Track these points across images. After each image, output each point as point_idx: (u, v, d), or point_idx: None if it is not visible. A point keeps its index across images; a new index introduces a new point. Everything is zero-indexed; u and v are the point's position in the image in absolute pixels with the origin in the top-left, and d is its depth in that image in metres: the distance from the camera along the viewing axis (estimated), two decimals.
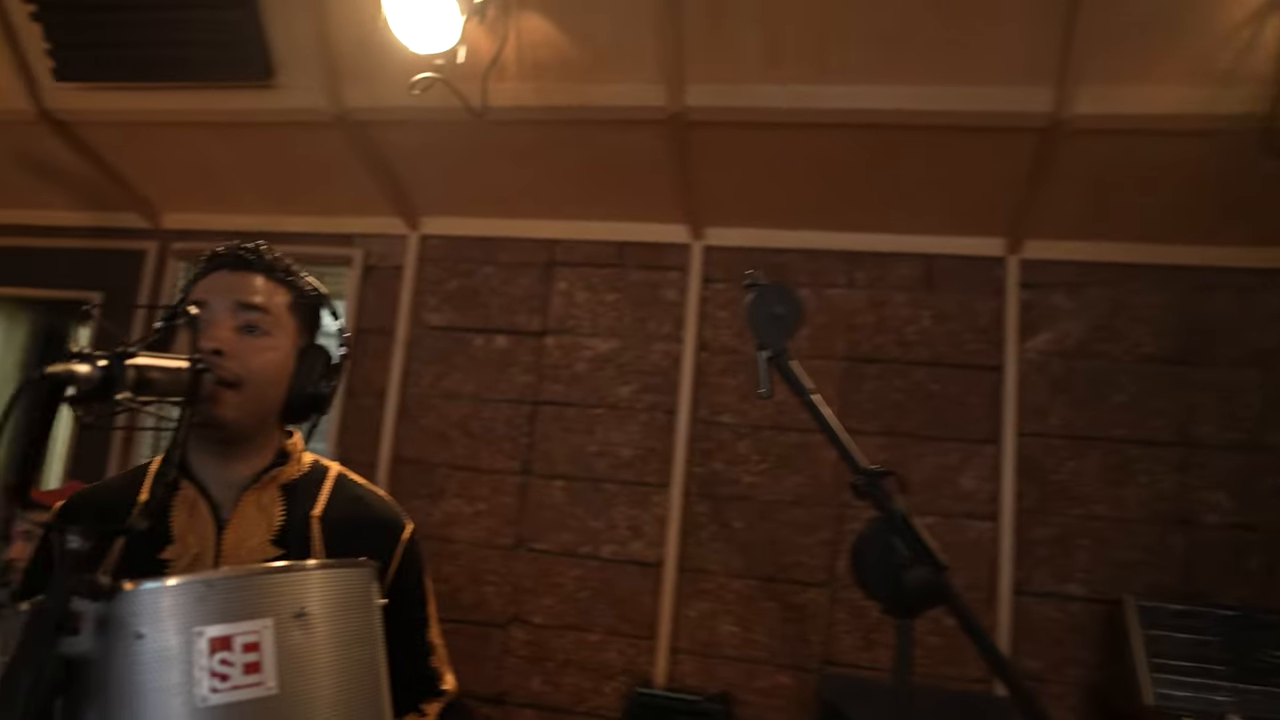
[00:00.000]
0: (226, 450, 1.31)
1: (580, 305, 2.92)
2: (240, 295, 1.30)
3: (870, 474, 1.13)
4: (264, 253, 1.35)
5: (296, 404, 1.34)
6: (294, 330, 1.35)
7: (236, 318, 1.29)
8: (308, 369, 1.35)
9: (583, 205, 2.87)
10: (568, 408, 2.87)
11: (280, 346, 1.32)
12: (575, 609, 2.75)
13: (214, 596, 0.98)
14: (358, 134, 2.63)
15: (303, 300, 1.38)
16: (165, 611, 0.96)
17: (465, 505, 2.88)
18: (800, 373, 1.30)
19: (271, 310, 1.31)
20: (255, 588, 1.00)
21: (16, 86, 2.73)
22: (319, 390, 1.35)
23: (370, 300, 3.08)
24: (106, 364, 0.98)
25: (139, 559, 1.27)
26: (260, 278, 1.33)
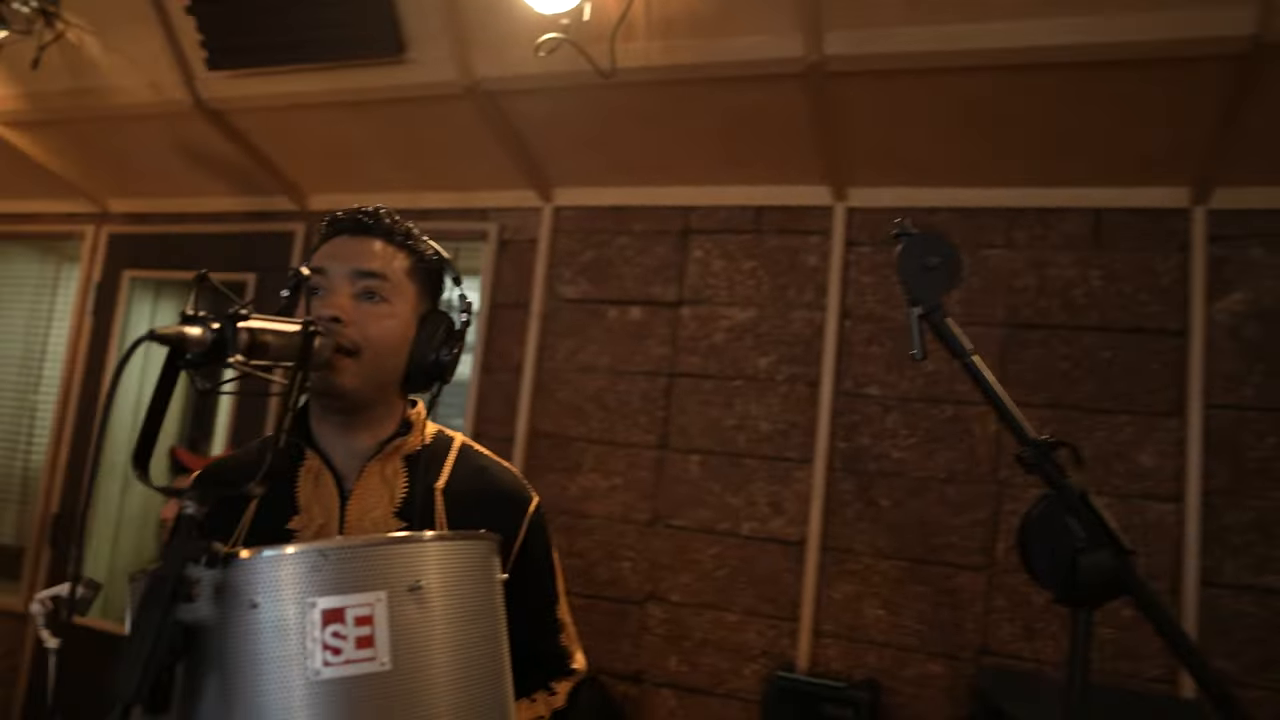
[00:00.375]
0: (349, 420, 1.29)
1: (717, 273, 2.81)
2: (358, 262, 1.26)
3: (1041, 446, 0.98)
4: (382, 217, 1.31)
5: (417, 372, 1.30)
6: (414, 296, 1.32)
7: (355, 284, 1.26)
8: (428, 336, 1.31)
9: (717, 169, 2.76)
10: (704, 380, 2.78)
11: (399, 313, 1.28)
12: (713, 587, 2.66)
13: (327, 567, 0.94)
14: (488, 105, 2.61)
15: (422, 265, 1.34)
16: (279, 581, 0.93)
17: (601, 480, 2.84)
18: (958, 332, 1.15)
19: (390, 276, 1.27)
20: (369, 559, 0.97)
21: (174, 78, 2.85)
22: (440, 357, 1.31)
23: (505, 274, 3.07)
24: (218, 327, 0.96)
25: (268, 528, 1.27)
26: (379, 242, 1.30)
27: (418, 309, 1.32)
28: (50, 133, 3.32)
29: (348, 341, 1.21)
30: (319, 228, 1.34)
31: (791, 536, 2.62)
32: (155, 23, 2.75)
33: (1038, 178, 2.48)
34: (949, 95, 2.27)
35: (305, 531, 1.26)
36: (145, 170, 3.42)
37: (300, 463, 1.31)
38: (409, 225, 1.34)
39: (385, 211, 1.33)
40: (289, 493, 1.29)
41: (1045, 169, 2.46)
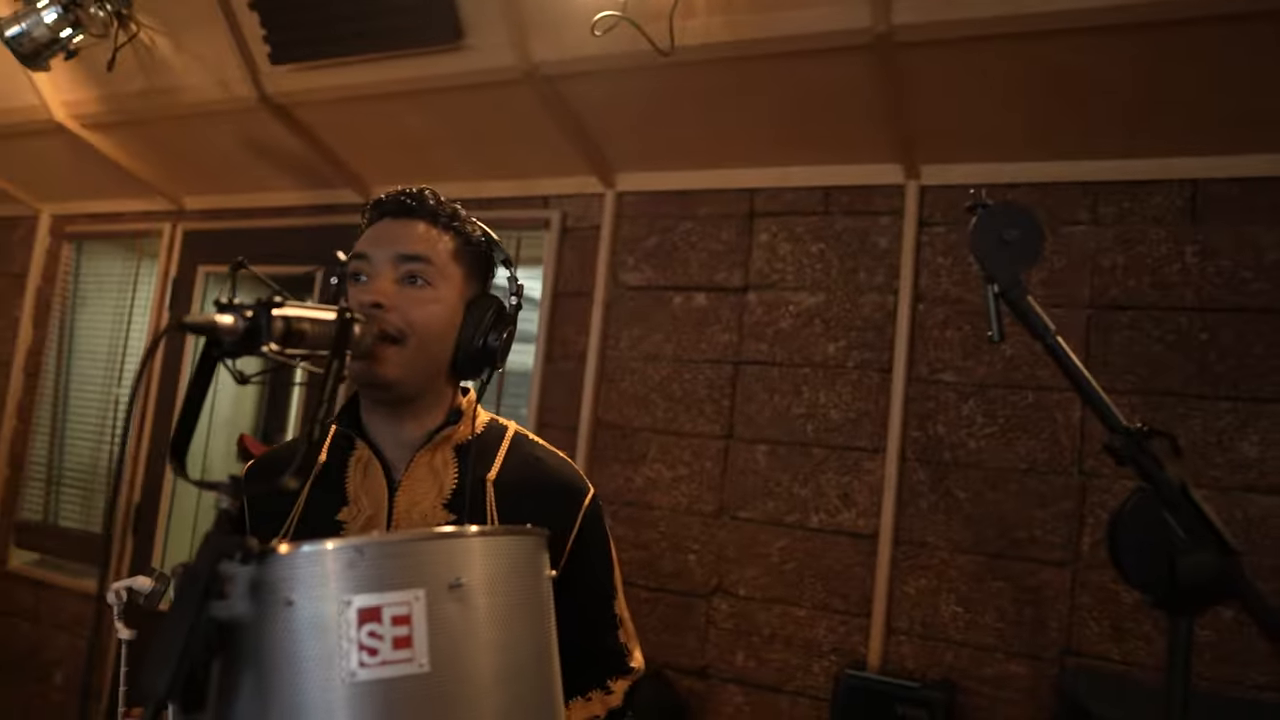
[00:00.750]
0: (396, 410, 1.26)
1: (783, 257, 2.72)
2: (401, 245, 1.23)
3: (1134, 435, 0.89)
4: (426, 198, 1.27)
5: (465, 358, 1.26)
6: (460, 279, 1.27)
7: (398, 269, 1.22)
8: (476, 320, 1.26)
9: (783, 149, 2.66)
10: (771, 367, 2.69)
11: (444, 298, 1.24)
12: (781, 581, 2.59)
13: (363, 563, 0.91)
14: (547, 90, 2.57)
15: (469, 247, 1.30)
16: (314, 578, 0.90)
17: (666, 470, 2.79)
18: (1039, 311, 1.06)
19: (434, 259, 1.23)
20: (406, 555, 0.93)
21: (240, 75, 2.89)
22: (488, 343, 1.26)
23: (568, 262, 3.03)
24: (251, 315, 0.93)
25: (318, 519, 1.25)
26: (422, 225, 1.25)
27: (465, 293, 1.28)
28: (127, 133, 3.40)
29: (391, 328, 1.18)
30: (363, 212, 1.31)
31: (862, 529, 2.53)
32: (221, 20, 2.78)
33: (1125, 148, 2.33)
34: (1025, 62, 2.14)
35: (353, 523, 1.23)
36: (217, 167, 3.48)
37: (351, 453, 1.29)
38: (455, 206, 1.31)
39: (430, 192, 1.29)
40: (339, 484, 1.27)
41: (1133, 138, 2.30)
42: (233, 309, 0.91)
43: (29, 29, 2.82)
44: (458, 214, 1.30)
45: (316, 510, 1.25)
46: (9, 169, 3.95)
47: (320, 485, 1.27)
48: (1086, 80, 2.15)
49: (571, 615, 1.18)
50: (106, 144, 3.47)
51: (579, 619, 1.29)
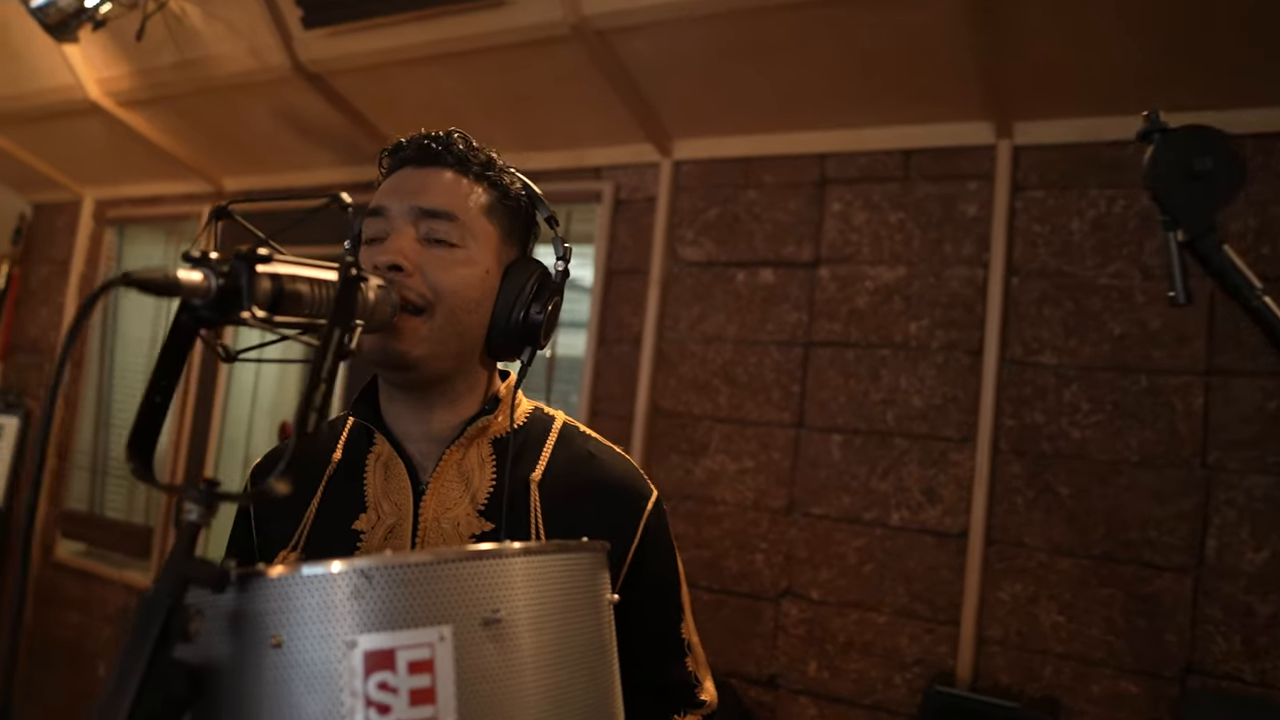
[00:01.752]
0: (421, 396, 1.04)
1: (859, 228, 2.47)
2: (423, 198, 1.01)
3: None
4: (455, 142, 1.05)
5: (502, 334, 1.03)
6: (495, 239, 1.05)
7: (419, 226, 1.00)
8: (515, 288, 1.04)
9: (858, 108, 2.41)
10: (846, 349, 2.45)
11: (477, 260, 1.02)
12: (858, 584, 2.35)
13: (371, 593, 0.70)
14: (598, 46, 2.35)
15: (507, 201, 1.08)
16: (309, 611, 0.70)
17: (730, 462, 2.56)
18: (1239, 264, 0.82)
19: (462, 215, 1.01)
20: (427, 582, 0.72)
21: (272, 41, 2.72)
22: (530, 316, 1.05)
23: (621, 238, 2.82)
24: (228, 270, 0.73)
25: (331, 530, 1.04)
26: (449, 173, 1.03)
27: (501, 256, 1.06)
28: (162, 110, 3.26)
29: (413, 295, 0.97)
30: (380, 159, 1.11)
31: (950, 528, 2.28)
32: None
33: (1262, 95, 2.03)
34: None
35: (372, 534, 1.03)
36: (254, 145, 3.33)
37: (370, 448, 1.09)
38: (489, 153, 1.09)
39: (459, 135, 1.07)
40: (357, 486, 1.07)
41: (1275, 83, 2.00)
42: (204, 262, 0.71)
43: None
44: (492, 162, 1.09)
45: (330, 518, 1.06)
46: (51, 152, 3.86)
47: (335, 488, 1.09)
48: (1222, 16, 1.86)
49: (631, 641, 0.98)
50: (142, 122, 3.34)
51: (641, 645, 1.08)
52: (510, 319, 1.04)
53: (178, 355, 0.77)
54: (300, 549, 1.05)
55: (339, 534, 1.04)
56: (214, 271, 0.71)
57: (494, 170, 1.08)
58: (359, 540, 1.03)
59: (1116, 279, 2.17)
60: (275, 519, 1.09)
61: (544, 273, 1.09)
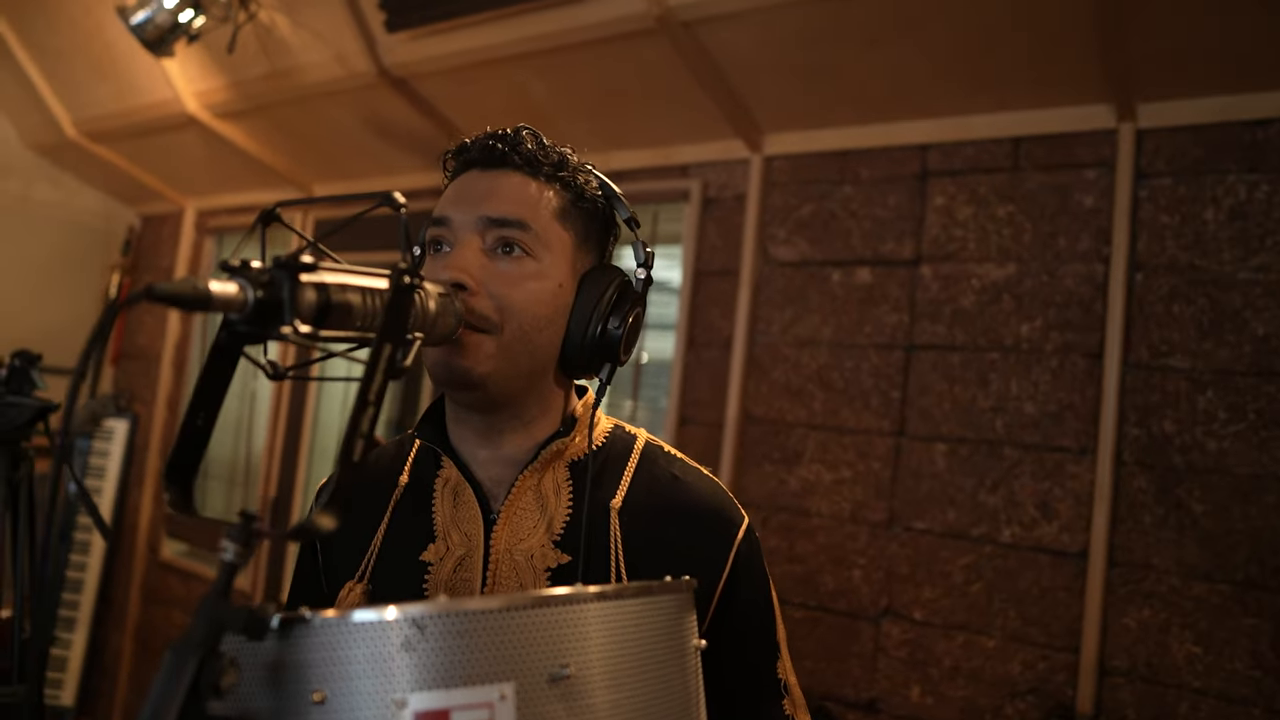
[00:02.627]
0: (491, 418, 0.95)
1: (964, 223, 2.31)
2: (489, 205, 0.92)
3: None
4: (522, 140, 0.95)
5: (578, 350, 0.94)
6: (569, 247, 0.95)
7: (486, 236, 0.92)
8: (592, 300, 0.94)
9: (962, 94, 2.25)
10: (951, 352, 2.29)
11: (549, 272, 0.93)
12: (965, 605, 2.19)
13: (425, 646, 0.62)
14: (684, 39, 2.25)
15: (582, 204, 0.99)
16: (356, 665, 0.62)
17: (826, 472, 2.43)
18: None
19: (534, 223, 0.92)
20: (488, 632, 0.63)
21: (356, 47, 2.71)
22: (608, 329, 0.95)
23: (711, 238, 2.72)
24: (268, 281, 0.66)
25: (399, 561, 0.96)
26: (518, 176, 0.94)
27: (576, 265, 0.97)
28: (255, 121, 3.32)
29: (479, 314, 0.89)
30: (444, 161, 1.04)
31: (1067, 546, 2.10)
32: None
33: None
34: None
35: (441, 566, 0.96)
36: (342, 151, 3.35)
37: (438, 472, 1.01)
38: (562, 151, 1.00)
39: (529, 133, 0.98)
40: (425, 513, 0.99)
41: None
42: (241, 272, 0.64)
43: (152, 14, 2.75)
44: (565, 160, 1.00)
45: (397, 548, 0.99)
46: (155, 165, 3.99)
47: (402, 515, 1.02)
48: None
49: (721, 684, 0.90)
50: (237, 133, 3.40)
51: (732, 688, 0.99)
52: (586, 334, 0.95)
53: (220, 375, 0.71)
54: (366, 580, 0.99)
55: (406, 565, 0.97)
56: (252, 282, 0.64)
57: (567, 170, 0.99)
58: (427, 573, 0.96)
59: (1260, 273, 1.96)
60: (341, 546, 1.04)
61: (624, 281, 0.99)
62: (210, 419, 0.71)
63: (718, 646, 0.97)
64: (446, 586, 0.94)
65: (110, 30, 3.17)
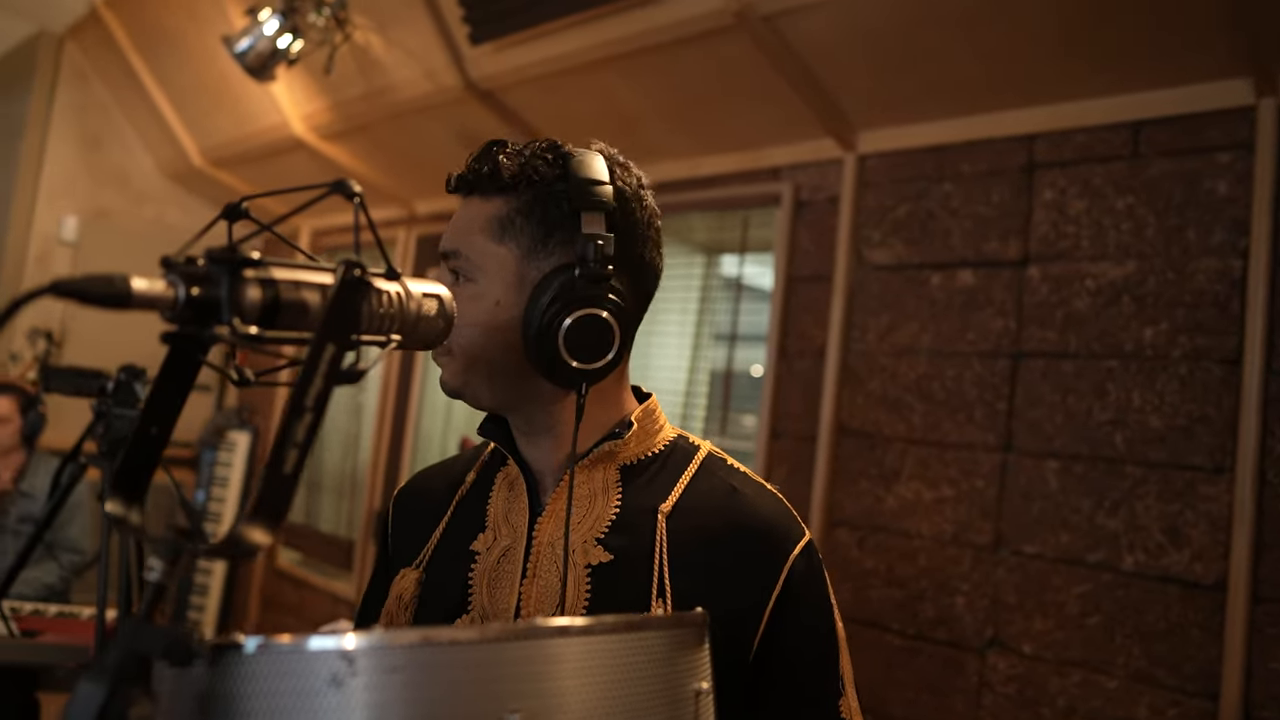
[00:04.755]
0: (520, 424, 1.01)
1: (1076, 219, 2.11)
2: (444, 239, 0.99)
3: None
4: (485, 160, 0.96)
5: (533, 357, 0.92)
6: (511, 261, 0.93)
7: (445, 268, 0.99)
8: (535, 304, 0.91)
9: (1071, 77, 2.05)
10: (1063, 359, 2.09)
11: (485, 292, 0.94)
12: (1082, 639, 1.98)
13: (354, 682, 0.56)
14: (765, 33, 2.15)
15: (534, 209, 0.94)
16: (283, 699, 0.56)
17: (926, 490, 2.26)
18: None
19: (465, 248, 0.95)
20: (426, 669, 0.56)
21: (445, 62, 2.73)
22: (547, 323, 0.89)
23: (803, 242, 2.59)
24: (203, 277, 0.61)
25: (455, 548, 1.00)
26: (470, 201, 0.98)
27: (528, 274, 0.92)
28: (356, 140, 3.40)
29: None
30: None
31: (1201, 577, 1.87)
32: (423, 6, 2.64)
33: None
34: None
35: (487, 555, 0.97)
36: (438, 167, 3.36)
37: (503, 466, 1.03)
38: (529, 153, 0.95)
39: (497, 149, 0.97)
40: (482, 504, 1.02)
41: None
42: (174, 267, 0.59)
43: (254, 42, 2.85)
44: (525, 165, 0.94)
45: (454, 537, 1.02)
46: (271, 187, 4.15)
47: (464, 506, 1.04)
48: None
49: None
50: (340, 153, 3.50)
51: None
52: (528, 342, 0.91)
53: (175, 381, 0.67)
54: (423, 568, 1.01)
55: (458, 554, 0.99)
56: (183, 278, 0.59)
57: (524, 175, 0.93)
58: (474, 560, 0.97)
59: None
60: (408, 536, 1.06)
61: (568, 276, 0.90)
62: (165, 428, 0.67)
63: (766, 678, 0.91)
64: (489, 576, 0.95)
65: (224, 61, 3.31)
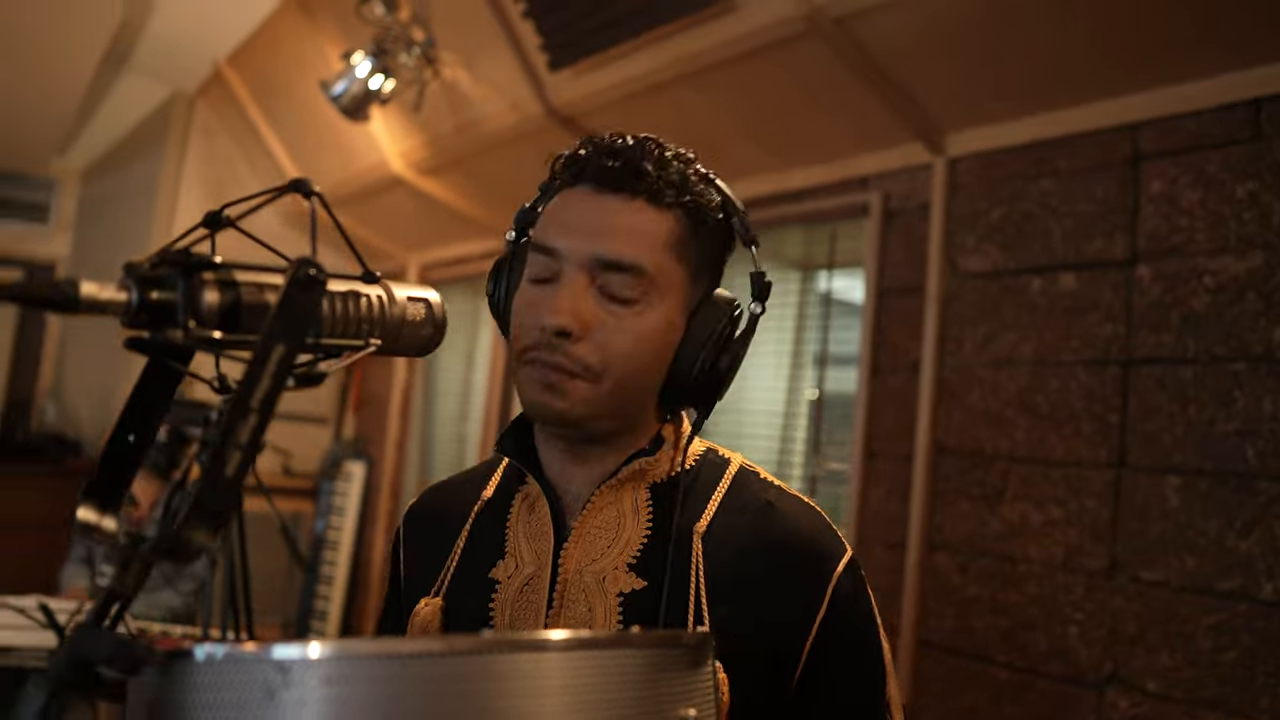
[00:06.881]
0: (576, 448, 0.92)
1: (1189, 211, 1.93)
2: (604, 244, 0.85)
3: None
4: (645, 163, 0.86)
5: (679, 388, 0.89)
6: (683, 283, 0.89)
7: (597, 278, 0.85)
8: (699, 337, 0.88)
9: (1178, 57, 1.89)
10: (1181, 366, 1.91)
11: (661, 313, 0.87)
12: (1214, 675, 1.78)
13: (287, 695, 0.52)
14: (838, 36, 2.08)
15: (701, 228, 0.89)
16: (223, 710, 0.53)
17: (1033, 511, 2.10)
18: None
19: (650, 265, 0.85)
20: (365, 683, 0.53)
21: (527, 92, 2.77)
22: (717, 366, 0.89)
23: (893, 253, 2.48)
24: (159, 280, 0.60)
25: (472, 576, 0.93)
26: (638, 204, 0.86)
27: (689, 298, 0.90)
28: (451, 175, 3.49)
29: (578, 364, 0.85)
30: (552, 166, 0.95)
31: None
32: (504, 37, 2.69)
33: None
34: None
35: (509, 584, 0.91)
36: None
37: (521, 485, 0.96)
38: (683, 165, 0.89)
39: (652, 147, 0.88)
40: (500, 527, 0.95)
41: None
42: (129, 270, 0.59)
43: (348, 85, 2.97)
44: (686, 180, 0.89)
45: (471, 563, 0.95)
46: (377, 224, 4.32)
47: (480, 528, 0.97)
48: None
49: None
50: (437, 188, 3.60)
51: None
52: (693, 373, 0.88)
53: (152, 389, 0.66)
54: (442, 596, 0.95)
55: (477, 582, 0.93)
56: (136, 281, 0.58)
57: (689, 191, 0.88)
58: (494, 590, 0.91)
59: None
60: (421, 561, 1.01)
61: (736, 316, 0.91)
62: (143, 437, 0.66)
63: (810, 704, 0.86)
64: (512, 608, 0.89)
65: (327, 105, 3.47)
